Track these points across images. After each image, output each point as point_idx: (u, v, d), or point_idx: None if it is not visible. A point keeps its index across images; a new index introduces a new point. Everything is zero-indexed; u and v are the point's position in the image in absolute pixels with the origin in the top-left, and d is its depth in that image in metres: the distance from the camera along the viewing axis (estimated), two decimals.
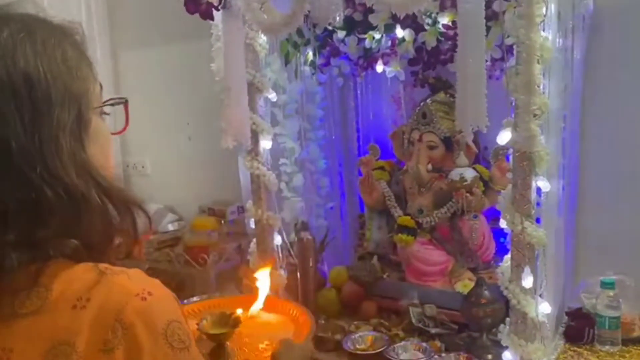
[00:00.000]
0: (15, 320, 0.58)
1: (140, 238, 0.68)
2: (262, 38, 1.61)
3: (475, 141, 1.69)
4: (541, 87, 1.23)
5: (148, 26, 2.65)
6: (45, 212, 0.59)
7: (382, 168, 1.85)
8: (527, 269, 1.23)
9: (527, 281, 1.23)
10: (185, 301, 1.59)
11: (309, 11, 1.34)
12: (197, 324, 1.07)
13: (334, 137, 2.03)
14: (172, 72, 2.57)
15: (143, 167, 2.82)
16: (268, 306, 1.24)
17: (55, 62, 0.62)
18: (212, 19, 1.44)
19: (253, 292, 1.27)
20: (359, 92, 2.05)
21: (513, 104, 1.22)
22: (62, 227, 0.60)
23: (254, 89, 1.61)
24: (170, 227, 2.50)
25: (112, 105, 0.72)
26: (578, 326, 1.49)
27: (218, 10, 1.41)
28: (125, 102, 0.75)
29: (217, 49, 1.54)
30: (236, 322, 1.08)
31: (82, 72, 0.65)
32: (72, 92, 0.63)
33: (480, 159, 1.74)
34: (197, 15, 1.49)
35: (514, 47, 1.23)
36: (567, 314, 1.55)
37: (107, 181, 0.65)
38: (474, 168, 1.66)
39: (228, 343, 1.08)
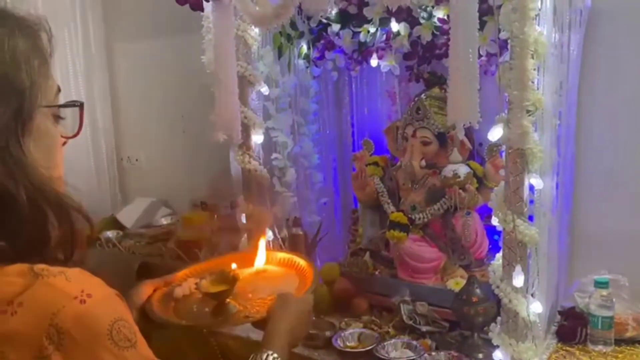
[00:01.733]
0: None
1: (79, 242, 0.66)
2: (254, 30, 1.59)
3: (469, 137, 1.67)
4: (535, 82, 1.20)
5: (142, 19, 2.62)
6: None
7: (375, 163, 1.83)
8: (518, 268, 1.21)
9: (518, 280, 1.21)
10: None
11: (300, 3, 1.32)
12: (196, 284, 1.06)
13: (328, 132, 2.01)
14: (166, 64, 2.55)
15: (137, 160, 2.80)
16: (274, 260, 1.23)
17: (0, 52, 0.60)
18: (201, 10, 1.41)
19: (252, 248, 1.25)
20: (353, 86, 2.03)
21: (507, 99, 1.20)
22: None
23: (245, 82, 1.59)
24: (164, 221, 2.49)
25: (65, 107, 0.69)
26: (571, 326, 1.47)
27: (208, 1, 1.38)
28: (80, 106, 0.72)
29: (208, 42, 1.52)
30: (234, 279, 1.07)
31: (31, 67, 0.62)
32: (14, 85, 0.60)
33: (475, 156, 1.72)
34: (188, 7, 1.47)
35: (509, 41, 1.21)
36: (560, 313, 1.53)
37: (42, 183, 0.62)
38: (467, 165, 1.64)
39: (229, 300, 1.06)
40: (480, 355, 1.40)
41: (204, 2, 1.40)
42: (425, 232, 1.69)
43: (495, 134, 1.18)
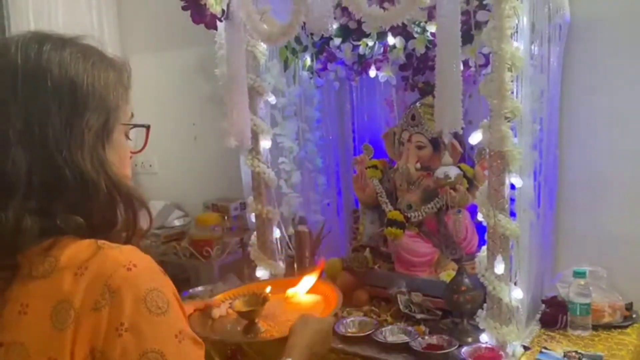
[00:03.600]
0: (31, 281, 0.72)
1: (139, 230, 0.81)
2: (262, 45, 1.75)
3: (461, 142, 1.82)
4: (514, 92, 1.35)
5: (157, 31, 2.78)
6: (62, 189, 0.74)
7: (375, 167, 1.98)
8: (499, 257, 1.35)
9: (499, 268, 1.35)
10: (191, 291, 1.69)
11: (304, 22, 1.47)
12: (230, 303, 1.20)
13: (331, 138, 2.15)
14: (180, 75, 2.71)
15: (151, 165, 2.95)
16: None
17: (98, 79, 0.78)
18: (215, 28, 1.57)
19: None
20: (354, 95, 2.18)
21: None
22: (73, 204, 0.74)
23: (254, 93, 1.74)
24: (177, 223, 2.63)
25: (137, 126, 0.87)
26: (552, 313, 1.61)
27: (221, 21, 1.54)
28: (147, 127, 0.90)
29: (221, 56, 1.67)
30: (264, 300, 1.21)
31: (118, 94, 0.81)
32: (105, 104, 0.78)
33: (466, 158, 1.86)
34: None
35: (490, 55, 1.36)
36: (543, 302, 1.67)
37: (118, 178, 0.78)
38: (458, 167, 1.78)
39: (258, 319, 1.20)
40: (469, 340, 1.53)
41: (217, 22, 1.55)
42: (420, 229, 1.84)
43: (475, 138, 1.33)
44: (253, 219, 1.83)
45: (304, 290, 1.33)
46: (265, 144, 1.77)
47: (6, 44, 0.76)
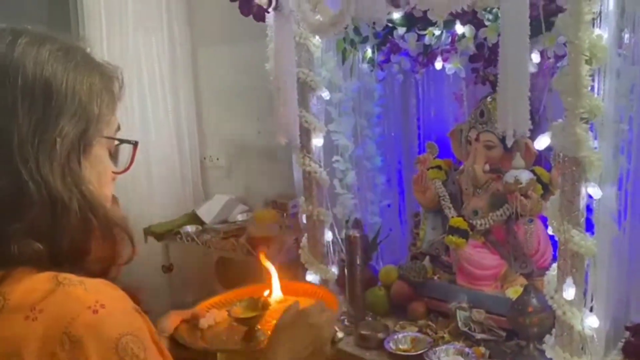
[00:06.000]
0: None
1: (119, 261, 0.70)
2: (316, 38, 1.64)
3: None
4: (595, 88, 1.16)
5: (225, 25, 2.75)
6: (23, 207, 0.63)
7: (438, 167, 1.82)
8: (569, 280, 1.17)
9: (569, 292, 1.17)
10: None
11: (355, 12, 1.35)
12: (227, 310, 1.12)
13: (393, 135, 2.02)
14: (244, 69, 2.66)
15: (218, 159, 2.95)
16: (299, 291, 1.25)
17: (80, 82, 0.69)
18: (263, 20, 1.48)
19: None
20: (420, 89, 2.02)
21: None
22: (35, 226, 0.63)
23: (307, 88, 1.64)
24: (240, 218, 2.60)
25: (122, 141, 0.76)
26: (638, 342, 1.39)
27: (268, 12, 1.45)
28: (134, 144, 0.78)
29: (271, 50, 1.58)
30: (265, 305, 1.12)
31: (102, 101, 0.71)
32: (85, 112, 0.68)
33: (543, 161, 1.66)
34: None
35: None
36: (627, 328, 1.45)
37: (94, 198, 0.68)
38: (532, 170, 1.59)
39: (259, 326, 1.11)
40: None
41: (266, 13, 1.47)
42: (487, 238, 1.66)
43: (543, 142, 1.15)
44: (305, 220, 1.74)
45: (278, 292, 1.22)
46: (317, 141, 1.66)
47: None
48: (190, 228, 2.52)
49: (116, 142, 0.75)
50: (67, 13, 2.67)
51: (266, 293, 1.19)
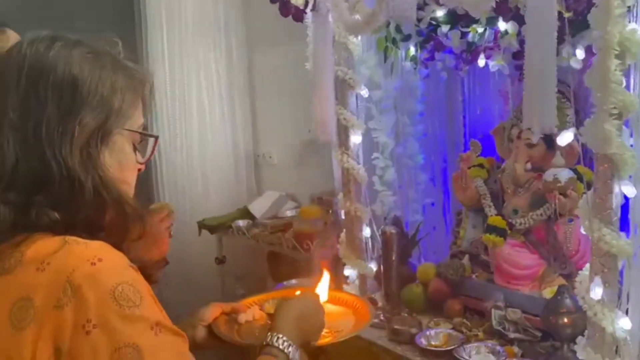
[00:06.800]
0: None
1: (130, 236, 0.78)
2: (356, 37, 1.67)
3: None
4: (631, 84, 1.13)
5: (279, 24, 2.80)
6: (46, 183, 0.73)
7: (480, 165, 1.80)
8: (597, 279, 1.14)
9: (596, 292, 1.14)
10: None
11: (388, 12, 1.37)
12: (260, 306, 1.17)
13: (437, 133, 2.01)
14: (296, 69, 2.70)
15: (270, 157, 3.03)
16: (333, 299, 1.29)
17: (103, 81, 0.77)
18: (302, 20, 1.53)
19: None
20: (466, 86, 2.01)
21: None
22: (55, 200, 0.73)
23: (346, 86, 1.67)
24: (289, 213, 2.67)
25: (143, 134, 0.84)
26: None
27: (305, 12, 1.49)
28: (155, 138, 0.87)
29: (311, 50, 1.63)
30: None
31: (124, 97, 0.79)
32: (106, 105, 0.77)
33: (587, 160, 1.62)
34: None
35: None
36: None
37: (109, 180, 0.76)
38: (574, 169, 1.55)
39: None
40: None
41: (304, 14, 1.52)
42: (527, 237, 1.64)
43: (565, 138, 1.13)
44: (343, 216, 1.77)
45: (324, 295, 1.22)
46: (355, 139, 1.69)
47: (22, 40, 0.78)
48: (241, 222, 2.61)
49: (139, 139, 0.84)
50: (132, 20, 2.83)
51: (298, 293, 1.22)
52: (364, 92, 1.70)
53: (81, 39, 0.80)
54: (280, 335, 0.89)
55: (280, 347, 0.88)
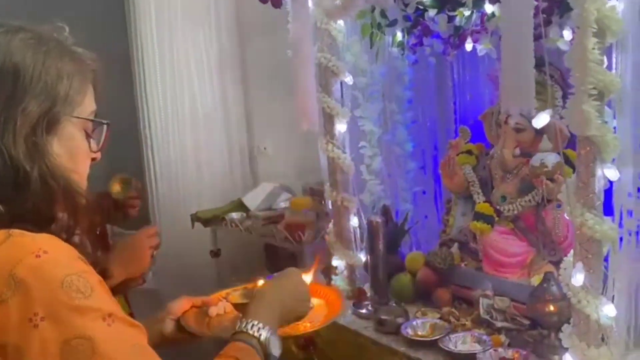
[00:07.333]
0: None
1: (80, 227, 0.76)
2: (339, 22, 1.64)
3: None
4: (613, 63, 1.09)
5: (271, 14, 2.76)
6: None
7: (469, 152, 1.77)
8: (579, 265, 1.11)
9: (577, 278, 1.11)
10: None
11: None
12: (226, 294, 1.15)
13: (427, 119, 1.98)
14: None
15: (265, 148, 3.01)
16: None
17: (47, 67, 0.75)
18: (279, 7, 1.50)
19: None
20: (455, 72, 1.97)
21: None
22: None
23: (329, 73, 1.64)
24: (282, 205, 2.64)
25: (93, 121, 0.81)
26: None
27: None
28: (106, 125, 0.84)
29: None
30: None
31: (71, 84, 0.76)
32: (51, 92, 0.75)
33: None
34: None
35: None
36: None
37: (58, 169, 0.74)
38: (563, 153, 1.51)
39: None
40: (556, 357, 1.30)
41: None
42: (516, 224, 1.61)
43: (541, 120, 1.09)
44: (330, 206, 1.75)
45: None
46: (340, 127, 1.66)
47: None
48: (235, 215, 2.58)
49: (92, 124, 0.81)
50: (122, 9, 2.79)
51: (260, 282, 1.20)
52: (348, 79, 1.67)
53: (24, 25, 0.77)
54: (251, 321, 0.88)
55: (250, 331, 0.87)
